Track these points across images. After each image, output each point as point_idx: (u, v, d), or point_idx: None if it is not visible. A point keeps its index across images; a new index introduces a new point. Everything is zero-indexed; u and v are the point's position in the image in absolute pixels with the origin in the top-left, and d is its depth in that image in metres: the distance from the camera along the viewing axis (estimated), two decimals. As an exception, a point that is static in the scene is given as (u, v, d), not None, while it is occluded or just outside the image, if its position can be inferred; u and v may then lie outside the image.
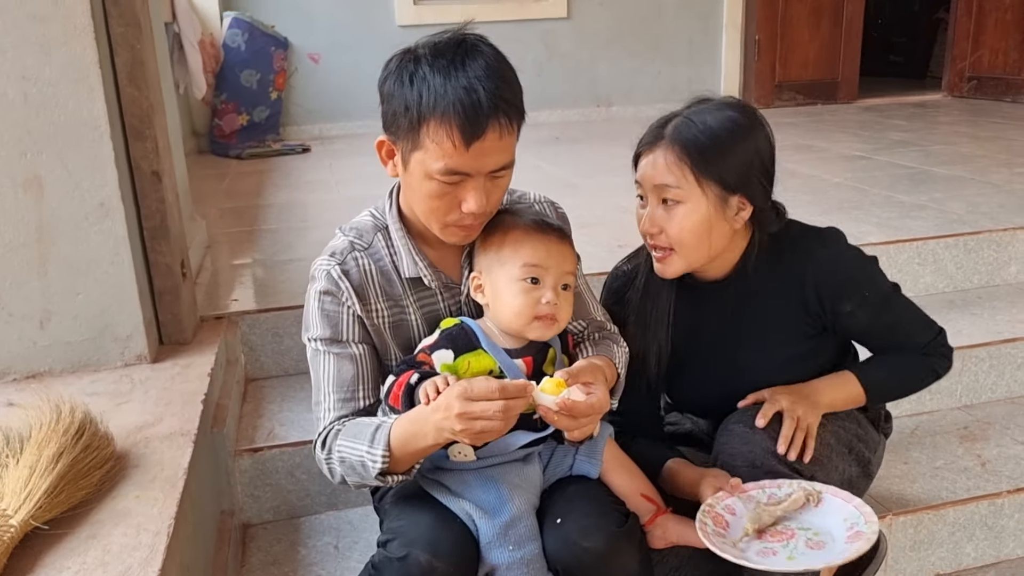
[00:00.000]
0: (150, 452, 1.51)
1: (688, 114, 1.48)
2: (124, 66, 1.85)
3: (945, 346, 1.60)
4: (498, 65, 1.29)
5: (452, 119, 1.24)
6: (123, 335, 1.88)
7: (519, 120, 1.31)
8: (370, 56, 5.33)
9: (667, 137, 1.46)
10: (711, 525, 1.35)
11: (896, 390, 1.66)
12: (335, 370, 1.40)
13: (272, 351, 2.26)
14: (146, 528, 1.28)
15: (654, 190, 1.48)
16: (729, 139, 1.45)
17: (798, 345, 1.57)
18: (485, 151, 1.27)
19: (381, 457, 1.28)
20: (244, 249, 2.92)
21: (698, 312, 1.60)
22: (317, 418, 1.42)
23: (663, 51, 5.97)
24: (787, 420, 1.48)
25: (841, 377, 1.58)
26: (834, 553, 1.31)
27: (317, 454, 1.39)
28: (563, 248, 1.39)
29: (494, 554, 1.33)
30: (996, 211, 2.91)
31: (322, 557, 1.79)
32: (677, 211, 1.46)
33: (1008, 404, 2.29)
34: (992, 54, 5.95)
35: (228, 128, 5.11)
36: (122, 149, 1.85)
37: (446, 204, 1.32)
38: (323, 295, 1.40)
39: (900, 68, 8.05)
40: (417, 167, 1.30)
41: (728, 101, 1.51)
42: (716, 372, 1.62)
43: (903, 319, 1.57)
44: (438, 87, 1.24)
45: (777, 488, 1.42)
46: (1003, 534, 1.90)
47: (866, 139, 4.69)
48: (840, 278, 1.52)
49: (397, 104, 1.29)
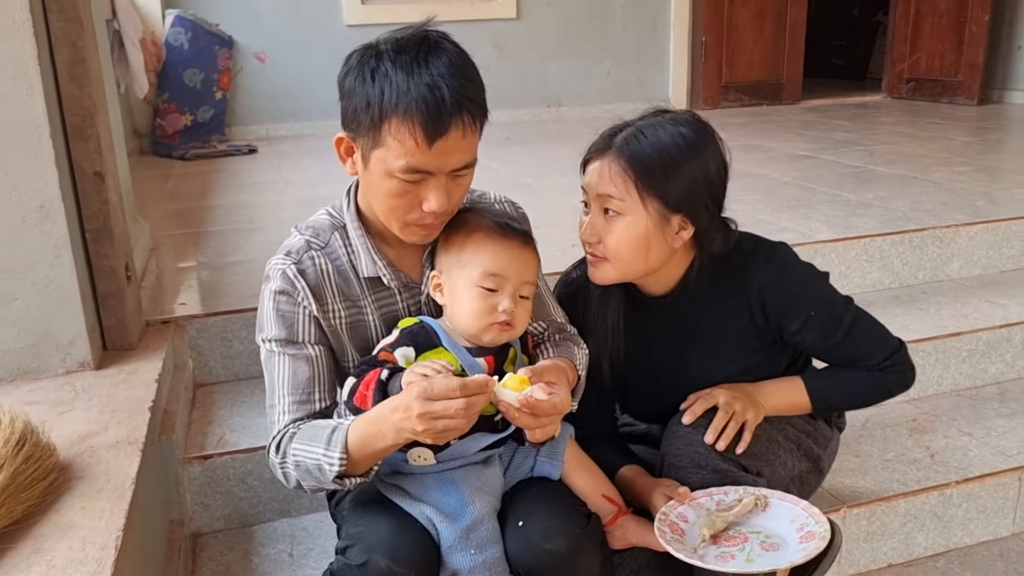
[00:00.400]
0: (95, 462, 1.46)
1: (640, 126, 1.46)
2: (65, 63, 1.78)
3: (904, 364, 1.57)
4: (461, 63, 1.27)
5: (415, 116, 1.22)
6: (65, 341, 1.81)
7: (482, 118, 1.30)
8: (318, 56, 5.33)
9: (615, 148, 1.44)
10: (669, 533, 1.36)
11: (844, 403, 1.64)
12: (290, 372, 1.36)
13: (221, 355, 2.20)
14: (92, 541, 1.23)
15: (597, 199, 1.46)
16: (678, 157, 1.43)
17: (748, 358, 1.58)
18: (448, 149, 1.25)
19: (339, 460, 1.25)
20: (190, 252, 2.84)
21: (647, 325, 1.60)
22: (271, 422, 1.38)
23: (612, 52, 6.01)
24: (720, 412, 1.49)
25: (789, 382, 1.58)
26: (791, 552, 1.33)
27: (271, 458, 1.36)
28: (525, 255, 1.37)
29: (455, 558, 1.31)
30: (939, 208, 2.98)
31: (276, 566, 1.75)
32: (617, 223, 1.45)
33: (954, 396, 2.35)
34: (929, 57, 6.11)
35: (171, 128, 5.00)
36: (63, 149, 1.79)
37: (407, 203, 1.29)
38: (278, 295, 1.36)
39: (841, 70, 8.23)
40: (378, 165, 1.27)
41: (683, 117, 1.48)
42: (667, 385, 1.61)
43: (855, 338, 1.54)
44: (401, 84, 1.22)
45: (724, 495, 1.44)
46: (952, 523, 1.94)
47: (811, 139, 4.78)
48: (786, 297, 1.51)
49: (358, 100, 1.26)
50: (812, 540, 1.33)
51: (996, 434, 2.12)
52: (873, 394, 1.60)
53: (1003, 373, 2.42)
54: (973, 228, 2.78)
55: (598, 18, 5.92)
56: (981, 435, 2.12)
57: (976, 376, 2.40)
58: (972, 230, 2.77)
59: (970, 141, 4.54)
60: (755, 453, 1.50)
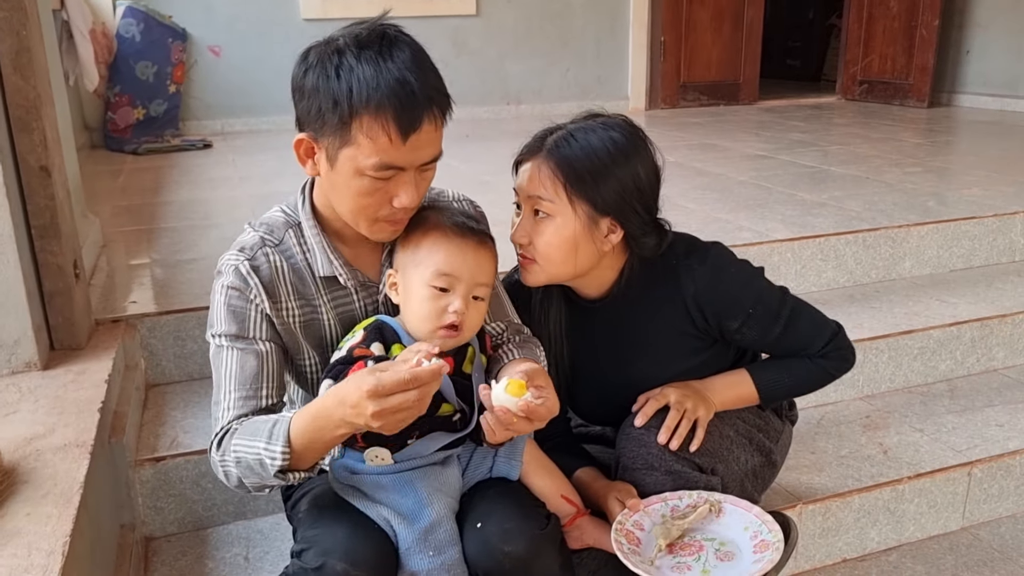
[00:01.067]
0: (41, 466, 1.41)
1: (572, 129, 1.46)
2: (8, 53, 1.73)
3: (843, 347, 1.60)
4: (423, 56, 1.26)
5: (387, 112, 1.20)
6: (9, 341, 1.75)
7: (449, 110, 1.29)
8: (274, 50, 5.25)
9: (546, 150, 1.45)
10: (625, 543, 1.37)
11: (790, 391, 1.66)
12: (238, 366, 1.33)
13: (174, 355, 2.15)
14: (38, 547, 1.19)
15: (528, 200, 1.47)
16: (608, 162, 1.43)
17: (691, 358, 1.59)
18: (420, 144, 1.24)
19: (280, 454, 1.20)
20: (142, 248, 2.78)
21: (587, 329, 1.61)
22: (215, 419, 1.33)
23: (571, 50, 6.02)
24: (672, 411, 1.49)
25: (736, 375, 1.60)
26: (746, 563, 1.35)
27: (212, 456, 1.31)
28: (480, 256, 1.35)
29: (414, 560, 1.30)
30: (891, 208, 3.03)
31: (231, 569, 1.71)
32: (547, 225, 1.45)
33: (906, 393, 2.39)
34: (881, 60, 6.23)
35: (123, 122, 4.88)
36: (7, 142, 1.73)
37: (377, 200, 1.27)
38: (230, 290, 1.33)
39: (797, 71, 8.36)
40: (346, 164, 1.25)
41: (615, 121, 1.49)
42: (612, 387, 1.62)
43: (795, 329, 1.56)
44: (369, 79, 1.20)
45: (678, 500, 1.45)
46: (904, 518, 1.97)
47: (767, 139, 4.84)
48: (722, 297, 1.52)
49: (323, 99, 1.22)
50: (766, 550, 1.35)
51: (946, 430, 2.16)
52: (817, 380, 1.62)
53: (953, 370, 2.47)
54: (924, 228, 2.83)
55: (558, 16, 5.92)
56: (932, 431, 2.16)
57: (927, 373, 2.44)
58: (923, 230, 2.83)
59: (921, 143, 4.64)
60: (708, 450, 1.51)
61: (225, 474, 1.30)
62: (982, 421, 2.21)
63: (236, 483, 1.30)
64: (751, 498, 1.56)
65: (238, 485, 1.30)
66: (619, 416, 1.60)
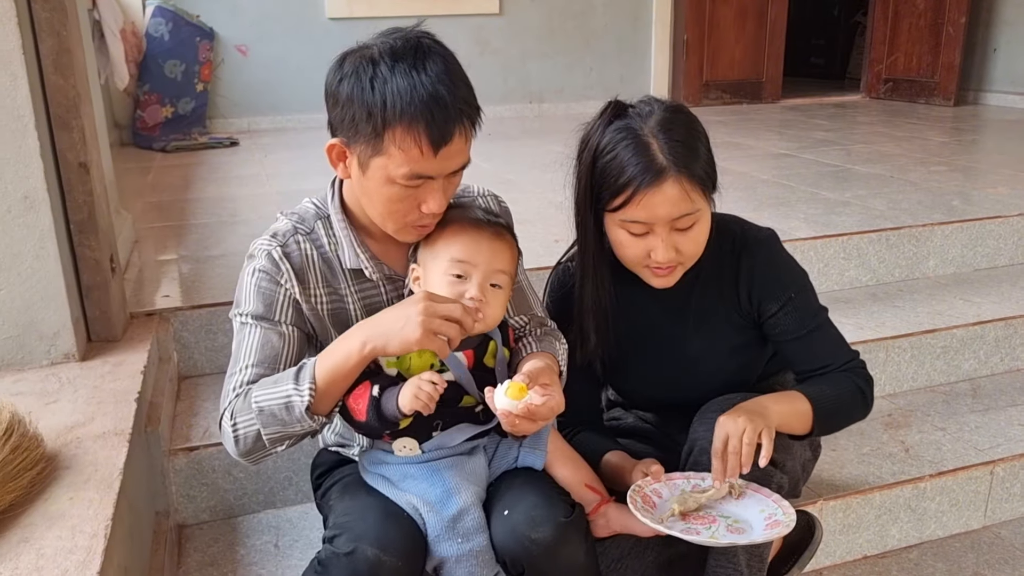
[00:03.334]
0: (82, 453, 1.46)
1: (660, 134, 1.40)
2: (49, 53, 1.78)
3: (865, 368, 1.59)
4: (455, 67, 1.29)
5: (420, 126, 1.23)
6: (49, 332, 1.81)
7: (479, 121, 1.32)
8: (300, 49, 5.31)
9: (672, 167, 1.38)
10: (640, 502, 1.39)
11: (835, 403, 1.56)
12: (259, 343, 1.35)
13: (206, 348, 2.20)
14: (82, 530, 1.23)
15: (670, 223, 1.42)
16: (700, 138, 1.45)
17: (739, 335, 1.60)
18: (450, 155, 1.27)
19: (308, 391, 1.24)
20: (172, 244, 2.84)
21: (643, 309, 1.61)
22: (227, 390, 1.34)
23: (594, 48, 6.03)
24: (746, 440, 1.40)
25: (785, 393, 1.56)
26: (754, 535, 1.36)
27: (224, 424, 1.31)
28: (496, 245, 1.38)
29: (442, 547, 1.33)
30: (915, 207, 3.03)
31: (261, 556, 1.76)
32: (694, 231, 1.44)
33: (928, 392, 2.39)
34: (907, 58, 6.19)
35: (151, 120, 4.96)
36: (47, 140, 1.78)
37: (406, 207, 1.31)
38: (261, 273, 1.37)
39: (820, 70, 8.32)
40: (378, 172, 1.28)
41: (665, 103, 1.47)
42: (664, 365, 1.63)
43: (826, 333, 1.57)
44: (403, 93, 1.23)
45: (701, 479, 1.46)
46: (925, 516, 1.98)
47: (791, 138, 4.83)
48: (770, 275, 1.54)
49: (357, 109, 1.26)
50: (777, 527, 1.36)
51: (969, 429, 2.17)
52: (851, 394, 1.56)
53: (976, 370, 2.47)
54: (948, 227, 2.83)
55: (581, 15, 5.94)
56: (954, 430, 2.17)
57: (950, 372, 2.44)
58: (947, 229, 2.83)
59: (946, 141, 4.61)
60: (779, 445, 1.50)
61: (236, 438, 1.30)
62: (1005, 420, 2.21)
63: (251, 443, 1.30)
64: (799, 491, 1.59)
65: (251, 447, 1.30)
66: (664, 398, 1.63)
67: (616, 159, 1.41)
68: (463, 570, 1.34)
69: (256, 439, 1.29)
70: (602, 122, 1.46)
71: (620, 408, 1.83)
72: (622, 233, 1.46)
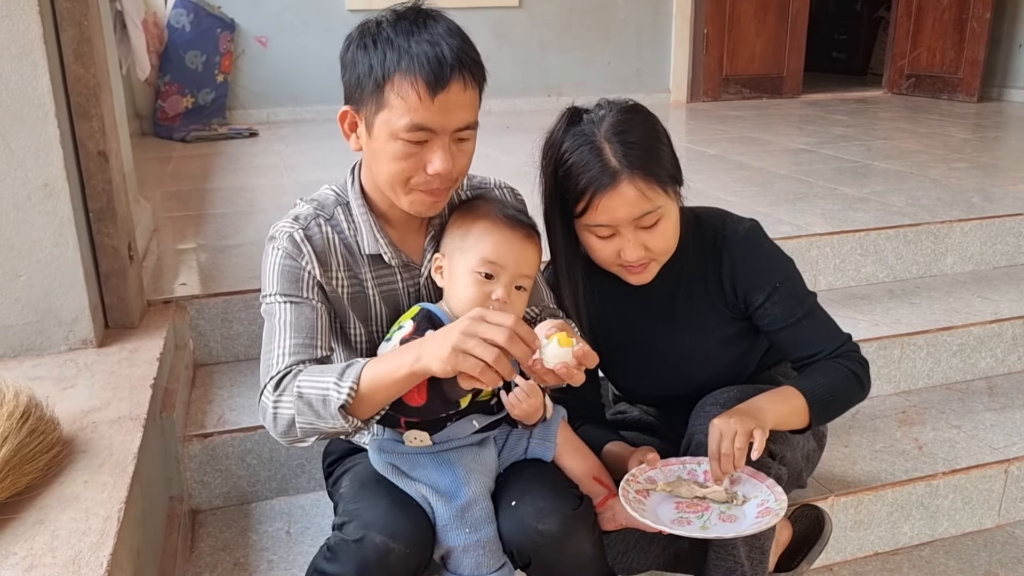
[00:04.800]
0: (98, 437, 1.48)
1: (613, 138, 1.42)
2: (70, 43, 1.80)
3: (858, 351, 1.57)
4: (458, 29, 1.31)
5: (417, 71, 1.24)
6: (68, 319, 1.83)
7: (482, 78, 1.32)
8: (319, 40, 5.33)
9: (624, 169, 1.40)
10: (632, 493, 1.40)
11: (831, 394, 1.55)
12: (293, 317, 1.34)
13: (221, 336, 2.23)
14: (95, 513, 1.25)
15: (633, 222, 1.44)
16: (659, 136, 1.46)
17: (728, 327, 1.60)
18: (449, 105, 1.27)
19: (348, 390, 1.21)
20: (191, 233, 2.86)
21: (632, 307, 1.62)
22: (269, 365, 1.31)
23: (613, 42, 6.01)
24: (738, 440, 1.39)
25: (780, 390, 1.54)
26: (745, 525, 1.36)
27: (266, 398, 1.28)
28: (527, 249, 1.38)
29: (450, 537, 1.34)
30: (934, 204, 3.00)
31: (273, 542, 1.78)
32: (660, 227, 1.45)
33: (944, 390, 2.38)
34: (930, 53, 6.13)
35: (172, 110, 5.00)
36: (67, 128, 1.80)
37: (411, 165, 1.30)
38: (283, 255, 1.37)
39: (842, 65, 8.25)
40: (382, 128, 1.29)
41: (619, 105, 1.48)
42: (657, 362, 1.64)
43: (814, 320, 1.55)
44: (402, 44, 1.26)
45: (696, 464, 1.46)
46: (938, 514, 1.97)
47: (810, 133, 4.80)
48: (753, 266, 1.54)
49: (361, 67, 1.29)
50: (767, 515, 1.35)
51: (984, 427, 2.15)
52: (845, 381, 1.54)
53: (993, 368, 2.45)
54: (968, 224, 2.80)
55: (600, 8, 5.92)
56: (969, 428, 2.15)
57: (966, 370, 2.43)
58: (967, 226, 2.80)
59: (968, 138, 4.56)
60: (778, 436, 1.52)
61: (275, 416, 1.28)
62: (1021, 419, 2.19)
63: (285, 426, 1.28)
64: (804, 481, 1.60)
65: (285, 430, 1.28)
66: (662, 393, 1.63)
67: (574, 166, 1.44)
68: (470, 560, 1.35)
69: (290, 424, 1.27)
70: (560, 128, 1.50)
71: (625, 403, 1.84)
72: (591, 237, 1.48)
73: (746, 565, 1.45)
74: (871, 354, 2.24)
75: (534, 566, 1.37)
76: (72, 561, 1.14)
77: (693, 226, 1.55)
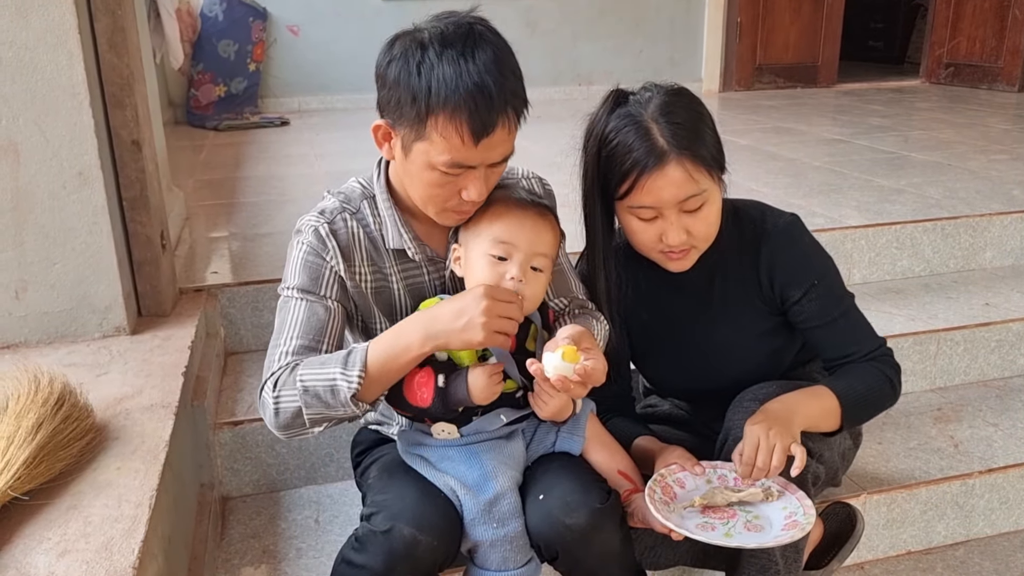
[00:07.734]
0: (130, 424, 1.50)
1: (660, 118, 1.40)
2: (104, 32, 1.81)
3: (892, 355, 1.55)
4: (506, 57, 1.27)
5: (462, 116, 1.22)
6: (101, 306, 1.85)
7: (525, 112, 1.31)
8: (351, 29, 5.34)
9: (672, 150, 1.38)
10: (659, 493, 1.39)
11: (864, 397, 1.53)
12: (305, 316, 1.35)
13: (252, 324, 2.24)
14: (128, 499, 1.27)
15: (677, 205, 1.42)
16: (704, 120, 1.44)
17: (765, 321, 1.57)
18: (492, 145, 1.26)
19: (357, 377, 1.24)
20: (222, 222, 2.88)
21: (669, 297, 1.60)
22: (271, 360, 1.34)
23: (645, 30, 5.96)
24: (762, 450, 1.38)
25: (812, 389, 1.51)
26: (769, 536, 1.34)
27: (266, 395, 1.30)
28: (539, 227, 1.37)
29: (478, 531, 1.34)
30: (973, 197, 2.94)
31: (302, 530, 1.79)
32: (703, 212, 1.43)
33: (981, 387, 2.33)
34: (969, 42, 6.00)
35: (205, 99, 5.04)
36: (102, 117, 1.82)
37: (447, 192, 1.31)
38: (307, 248, 1.38)
39: (879, 54, 8.11)
40: (420, 157, 1.28)
41: (665, 87, 1.46)
42: (691, 354, 1.62)
43: (850, 320, 1.53)
44: (448, 80, 1.21)
45: (728, 471, 1.44)
46: (973, 513, 1.94)
47: (845, 123, 4.72)
48: (792, 260, 1.51)
49: (403, 93, 1.25)
50: (793, 529, 1.33)
51: (1023, 426, 2.11)
52: (879, 385, 1.52)
53: (1032, 365, 2.40)
54: (1007, 217, 2.74)
55: (632, -4, 5.87)
56: (1007, 426, 2.11)
57: (1004, 367, 2.38)
58: (1006, 219, 2.74)
59: (1008, 129, 4.46)
60: (816, 435, 1.50)
61: (276, 410, 1.29)
62: (1061, 418, 2.15)
63: (288, 419, 1.29)
64: (839, 480, 1.57)
65: (288, 423, 1.29)
66: (695, 387, 1.61)
67: (619, 146, 1.42)
68: (497, 556, 1.34)
69: (295, 416, 1.29)
70: (604, 111, 1.47)
71: (655, 396, 1.82)
72: (633, 220, 1.46)
73: (780, 564, 1.43)
74: (906, 349, 2.22)
75: (561, 560, 1.37)
76: (104, 547, 1.16)
77: (732, 217, 1.52)
